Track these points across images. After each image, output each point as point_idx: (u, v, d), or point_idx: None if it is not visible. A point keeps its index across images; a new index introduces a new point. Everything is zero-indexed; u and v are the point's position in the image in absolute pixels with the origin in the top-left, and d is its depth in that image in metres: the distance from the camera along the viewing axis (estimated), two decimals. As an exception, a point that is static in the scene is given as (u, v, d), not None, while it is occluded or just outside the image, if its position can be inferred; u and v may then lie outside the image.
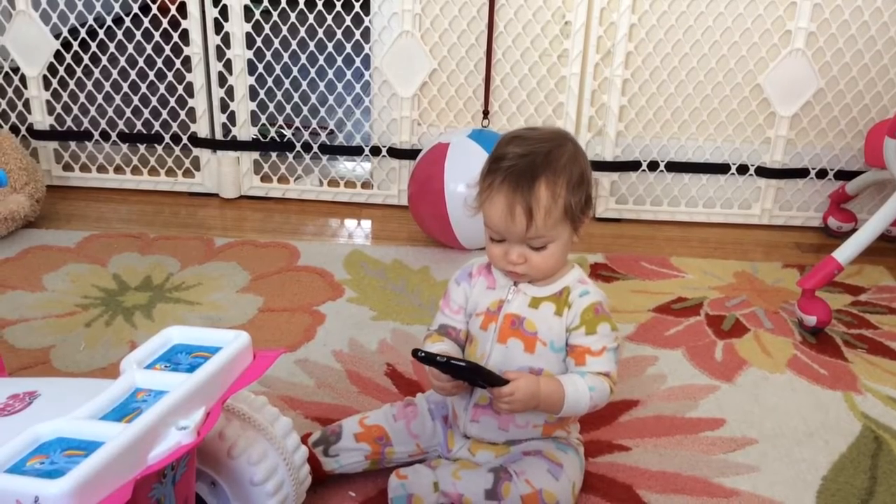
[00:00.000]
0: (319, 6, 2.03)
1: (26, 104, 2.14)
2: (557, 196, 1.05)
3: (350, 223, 2.10)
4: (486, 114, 2.08)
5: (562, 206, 1.05)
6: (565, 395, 1.07)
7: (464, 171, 1.83)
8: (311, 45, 2.07)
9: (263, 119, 2.17)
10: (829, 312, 1.61)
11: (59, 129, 2.17)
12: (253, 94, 2.10)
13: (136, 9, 2.08)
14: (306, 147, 2.14)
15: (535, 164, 1.05)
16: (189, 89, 2.10)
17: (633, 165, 2.11)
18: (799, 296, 1.66)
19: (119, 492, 0.78)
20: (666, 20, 1.99)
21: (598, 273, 1.84)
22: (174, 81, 2.10)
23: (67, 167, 2.21)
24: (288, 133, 2.23)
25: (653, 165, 2.11)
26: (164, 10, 2.09)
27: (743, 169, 2.11)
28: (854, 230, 1.69)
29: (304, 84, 2.10)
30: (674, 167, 2.12)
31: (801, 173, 2.11)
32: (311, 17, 2.04)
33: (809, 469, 1.27)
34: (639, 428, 1.34)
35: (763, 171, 2.11)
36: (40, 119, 2.15)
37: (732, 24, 1.98)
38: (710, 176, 2.13)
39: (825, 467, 1.28)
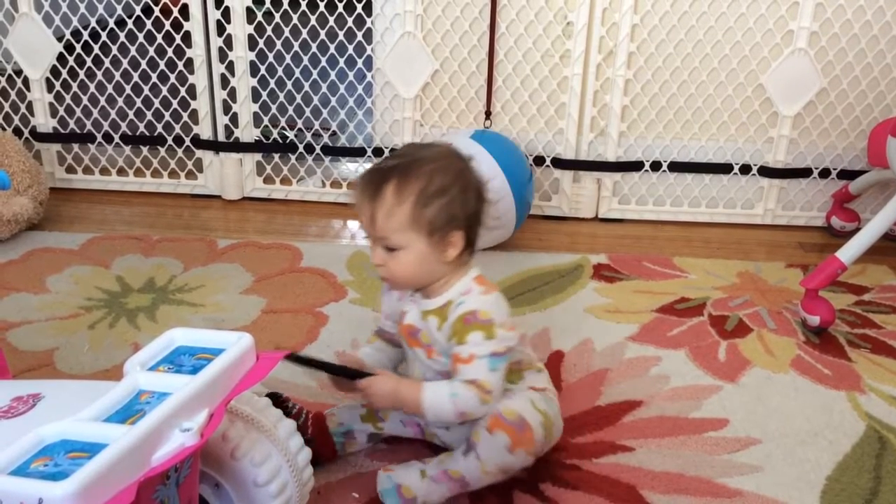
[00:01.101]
0: (322, 8, 2.03)
1: (29, 107, 2.15)
2: (403, 200, 1.08)
3: (353, 224, 2.10)
4: (488, 115, 2.08)
5: (407, 211, 1.08)
6: (422, 399, 1.11)
7: (466, 171, 1.83)
8: (314, 46, 2.07)
9: (266, 121, 2.17)
10: (832, 312, 1.61)
11: (62, 131, 2.18)
12: (255, 95, 2.10)
13: (138, 10, 2.09)
14: (309, 148, 2.15)
15: (392, 168, 1.10)
16: (192, 91, 2.10)
17: (635, 166, 2.11)
18: (802, 296, 1.66)
19: (123, 494, 0.78)
20: (668, 20, 1.98)
21: (602, 273, 1.84)
22: (177, 83, 2.11)
23: (70, 169, 2.21)
24: (290, 134, 2.24)
25: (655, 165, 2.11)
26: (166, 11, 2.10)
27: (746, 169, 2.11)
28: (857, 230, 1.69)
29: (307, 85, 2.11)
30: (676, 167, 2.12)
31: (803, 173, 2.11)
32: (313, 19, 2.05)
33: (813, 469, 1.27)
34: (642, 428, 1.34)
35: (766, 171, 2.11)
36: (43, 121, 2.15)
37: (735, 24, 1.98)
38: (712, 176, 2.13)
39: (829, 467, 1.27)
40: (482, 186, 1.15)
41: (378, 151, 2.13)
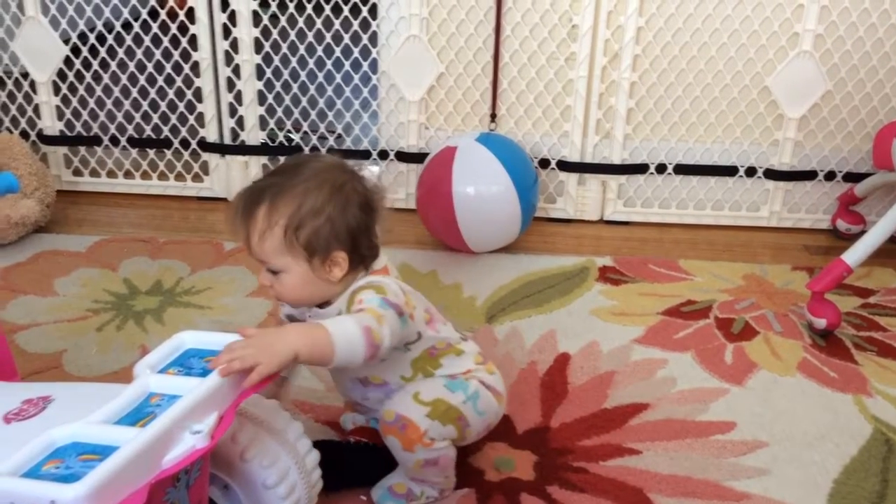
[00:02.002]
0: (327, 11, 2.04)
1: (36, 110, 2.15)
2: (274, 224, 1.04)
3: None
4: (493, 117, 2.08)
5: (279, 236, 1.04)
6: (329, 332, 0.98)
7: (472, 174, 1.84)
8: (319, 49, 2.08)
9: (272, 123, 2.18)
10: (838, 315, 1.61)
11: (69, 134, 2.18)
12: (261, 98, 2.11)
13: (144, 14, 2.09)
14: (314, 151, 2.15)
15: (265, 189, 1.06)
16: (198, 94, 2.10)
17: (640, 168, 2.11)
18: (808, 298, 1.66)
19: (134, 496, 0.78)
20: (673, 23, 1.99)
21: (607, 276, 1.84)
22: (183, 86, 2.11)
23: (77, 172, 2.22)
24: (296, 137, 2.24)
25: (661, 168, 2.11)
26: (172, 15, 2.10)
27: (751, 171, 2.11)
28: (863, 232, 1.68)
29: (312, 88, 2.11)
30: (682, 170, 2.12)
31: (809, 175, 2.11)
32: (318, 22, 2.05)
33: (820, 472, 1.27)
34: (649, 431, 1.34)
35: (771, 174, 2.11)
36: (50, 124, 2.16)
37: (740, 27, 1.98)
38: (718, 178, 2.13)
39: (836, 470, 1.27)
40: (371, 197, 1.10)
41: (383, 154, 2.13)
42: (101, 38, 2.10)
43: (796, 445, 1.33)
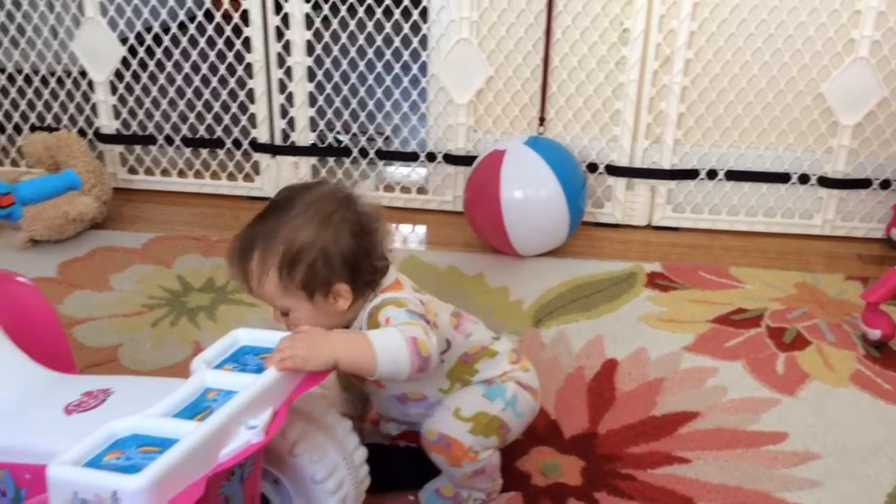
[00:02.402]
0: (378, 14, 2.05)
1: (94, 108, 2.20)
2: (267, 269, 1.04)
3: (405, 228, 2.12)
4: (542, 120, 2.08)
5: (275, 280, 1.04)
6: (371, 340, 0.98)
7: (520, 178, 1.84)
8: (370, 52, 2.10)
9: (322, 125, 2.20)
10: (893, 326, 1.58)
11: (125, 132, 2.23)
12: (312, 100, 2.13)
13: (200, 15, 2.12)
14: (363, 152, 2.17)
15: (255, 235, 1.06)
16: (250, 95, 2.14)
17: (691, 174, 2.09)
18: (862, 308, 1.63)
19: (192, 488, 0.80)
20: (726, 27, 1.96)
21: (656, 282, 1.83)
22: (236, 88, 2.15)
23: (132, 170, 2.26)
24: (345, 139, 2.26)
25: (711, 174, 2.09)
26: (227, 17, 2.14)
27: (804, 178, 2.08)
28: (920, 242, 1.65)
29: (362, 90, 2.13)
30: (733, 176, 2.09)
31: (863, 184, 2.07)
32: (370, 25, 2.07)
33: (874, 486, 1.25)
34: (699, 440, 1.33)
35: (825, 181, 2.07)
36: (107, 123, 2.20)
37: (794, 32, 1.95)
38: (770, 185, 2.10)
39: (890, 484, 1.25)
40: (364, 221, 1.08)
41: (431, 156, 2.14)
42: (157, 39, 2.14)
43: (850, 458, 1.30)
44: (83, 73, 2.18)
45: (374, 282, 1.09)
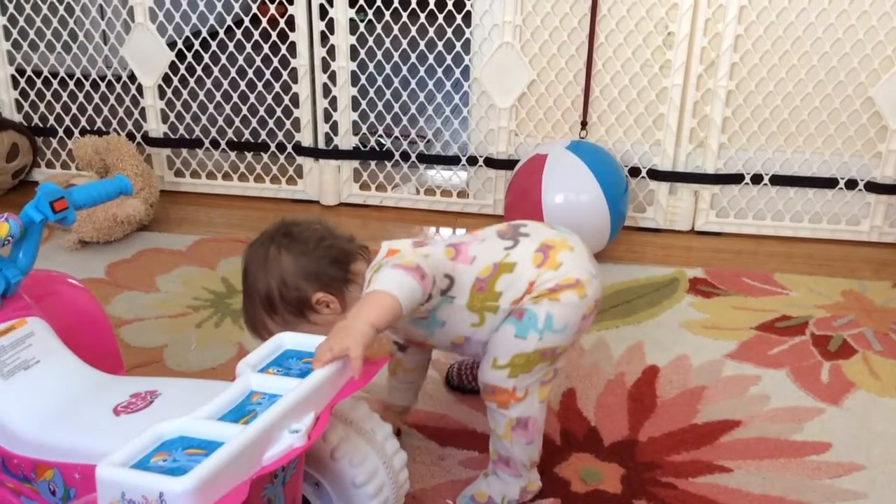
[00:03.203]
0: (422, 18, 2.07)
1: (142, 112, 2.25)
2: (264, 321, 1.15)
3: (445, 231, 2.13)
4: (584, 125, 2.07)
5: (272, 324, 1.14)
6: (390, 291, 1.02)
7: (561, 182, 1.83)
8: (413, 56, 2.11)
9: (364, 129, 2.22)
10: (944, 336, 1.55)
11: (172, 136, 2.27)
12: (355, 104, 2.15)
13: (246, 21, 2.15)
14: (404, 156, 2.18)
15: (245, 309, 1.17)
16: (295, 100, 2.16)
17: (735, 178, 2.07)
18: (911, 317, 1.60)
19: (236, 490, 0.81)
20: (773, 31, 1.94)
21: (698, 288, 1.81)
22: (281, 92, 2.18)
23: (178, 173, 2.30)
24: (387, 142, 2.27)
25: (756, 178, 2.06)
26: (273, 22, 2.17)
27: (852, 184, 2.04)
28: (973, 250, 1.62)
29: (405, 94, 2.14)
30: (778, 180, 2.06)
31: (914, 189, 2.03)
32: (413, 30, 2.08)
33: (922, 499, 1.22)
34: (741, 449, 1.32)
35: (873, 187, 2.03)
36: (155, 127, 2.25)
37: (843, 36, 1.92)
38: (816, 190, 2.07)
39: (939, 498, 1.23)
40: (300, 237, 1.15)
41: (472, 160, 2.15)
42: (204, 44, 2.18)
43: (895, 470, 1.28)
44: (132, 78, 2.23)
45: (343, 277, 1.14)
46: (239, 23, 2.18)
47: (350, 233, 1.19)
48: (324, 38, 2.10)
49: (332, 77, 2.13)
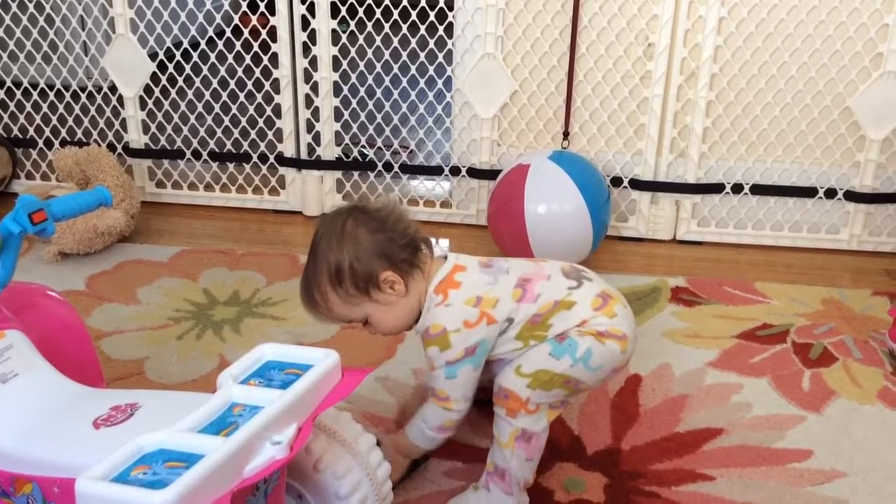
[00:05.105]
0: (404, 29, 2.07)
1: (123, 123, 2.24)
2: (326, 295, 1.18)
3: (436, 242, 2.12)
4: (566, 135, 2.08)
5: (336, 300, 1.18)
6: (410, 439, 1.23)
7: (544, 192, 1.84)
8: (395, 67, 2.11)
9: (347, 139, 2.22)
10: (922, 343, 1.56)
11: (154, 147, 2.26)
12: (337, 114, 2.15)
13: (228, 32, 2.15)
14: (387, 166, 2.18)
15: (307, 278, 1.20)
16: (277, 110, 2.16)
17: (716, 188, 2.08)
18: (890, 325, 1.61)
19: (217, 503, 0.81)
20: (752, 42, 1.96)
21: (680, 297, 1.82)
22: (263, 103, 2.17)
23: (160, 184, 2.29)
24: (369, 153, 2.28)
25: (737, 188, 2.08)
26: (255, 33, 2.17)
27: (831, 193, 2.06)
28: (950, 258, 1.63)
29: (388, 105, 2.15)
30: (759, 190, 2.08)
31: (891, 198, 2.05)
32: (395, 40, 2.08)
33: (902, 506, 1.23)
34: (723, 457, 1.32)
35: (852, 196, 2.05)
36: (136, 138, 2.24)
37: (821, 46, 1.94)
38: (796, 199, 2.09)
39: (919, 504, 1.23)
40: (375, 216, 1.18)
41: (455, 170, 2.15)
42: (186, 55, 2.17)
43: (876, 477, 1.29)
44: (113, 89, 2.22)
45: (412, 259, 1.19)
46: (221, 34, 2.17)
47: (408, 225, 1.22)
48: (306, 49, 2.10)
49: (315, 88, 2.12)
